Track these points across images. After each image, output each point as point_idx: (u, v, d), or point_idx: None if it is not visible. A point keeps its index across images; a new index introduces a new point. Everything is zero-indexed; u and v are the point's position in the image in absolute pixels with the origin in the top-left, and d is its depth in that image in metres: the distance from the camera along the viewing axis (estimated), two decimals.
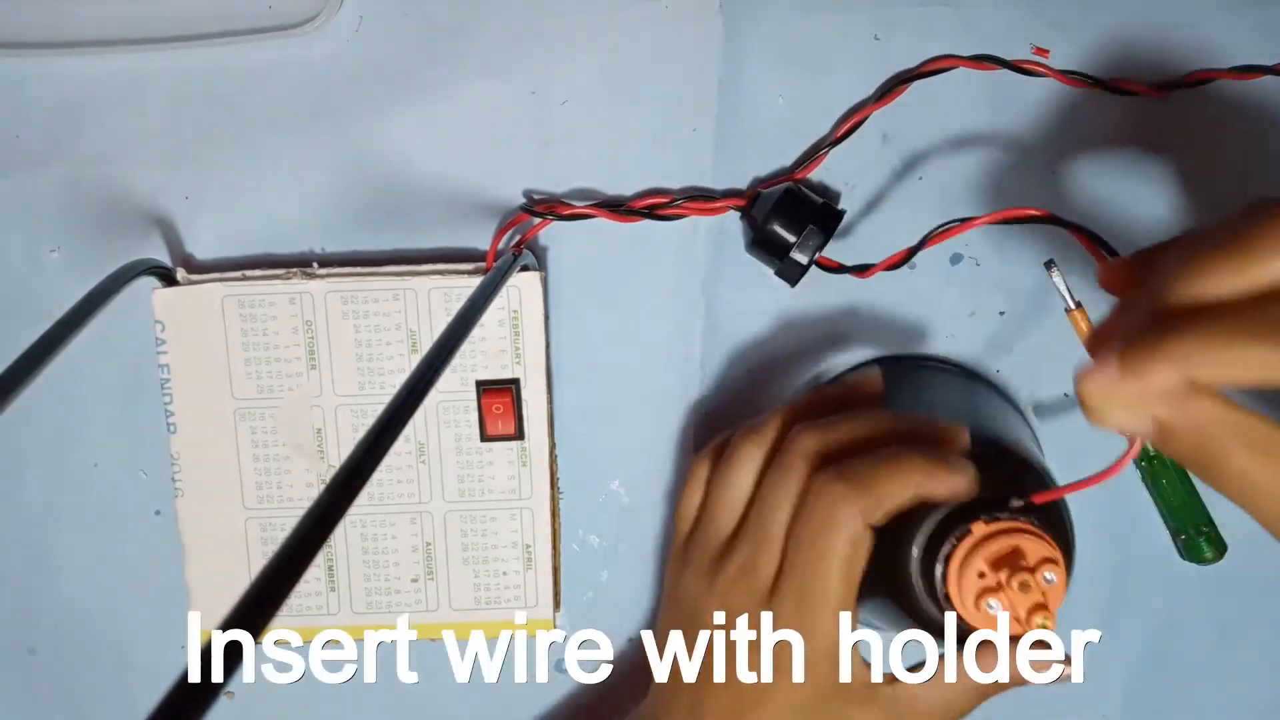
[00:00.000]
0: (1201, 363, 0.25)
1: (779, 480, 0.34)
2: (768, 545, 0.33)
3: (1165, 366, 0.25)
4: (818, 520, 0.32)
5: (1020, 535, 0.32)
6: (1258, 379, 0.24)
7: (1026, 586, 0.32)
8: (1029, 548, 0.32)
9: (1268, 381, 0.24)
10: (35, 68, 0.42)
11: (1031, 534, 0.32)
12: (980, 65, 0.41)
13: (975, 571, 0.32)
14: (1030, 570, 0.32)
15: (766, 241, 0.41)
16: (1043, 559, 0.32)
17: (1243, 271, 0.25)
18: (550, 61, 0.42)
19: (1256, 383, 0.24)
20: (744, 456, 0.35)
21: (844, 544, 0.31)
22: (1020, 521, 0.32)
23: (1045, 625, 0.32)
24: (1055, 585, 0.32)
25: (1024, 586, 0.32)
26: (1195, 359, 0.25)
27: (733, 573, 0.34)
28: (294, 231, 0.43)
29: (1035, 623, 0.32)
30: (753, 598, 0.34)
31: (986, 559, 0.32)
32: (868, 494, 0.31)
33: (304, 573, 0.22)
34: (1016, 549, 0.32)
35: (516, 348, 0.42)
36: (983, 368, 0.44)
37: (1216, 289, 0.25)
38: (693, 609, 0.36)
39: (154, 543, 0.44)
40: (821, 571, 0.32)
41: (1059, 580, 0.32)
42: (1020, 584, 0.32)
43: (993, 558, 0.32)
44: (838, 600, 0.32)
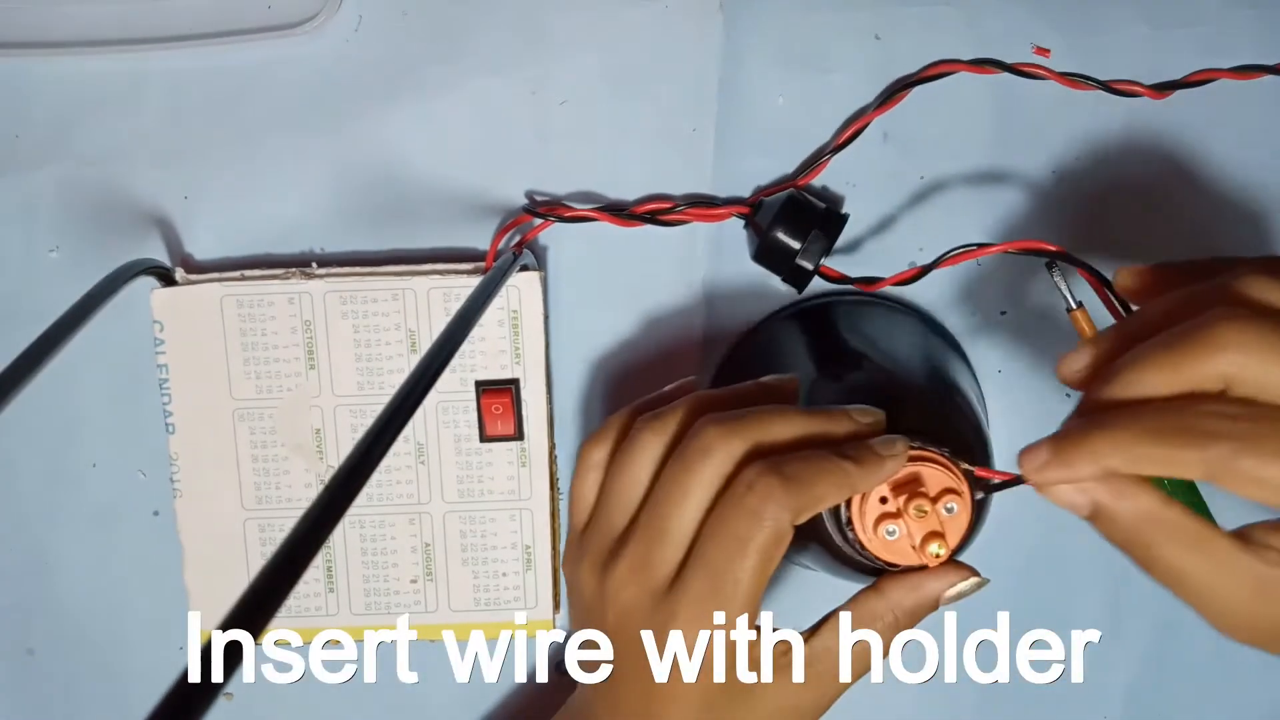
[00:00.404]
0: (1114, 459, 0.27)
1: (680, 476, 0.32)
2: (663, 541, 0.32)
3: (1085, 460, 0.28)
4: (745, 513, 0.31)
5: (926, 464, 0.32)
6: (1162, 474, 0.27)
7: (923, 512, 0.32)
8: (931, 476, 0.32)
9: (1171, 475, 0.27)
10: (35, 68, 0.42)
11: (937, 464, 0.32)
12: (981, 69, 0.41)
13: (877, 496, 0.32)
14: (931, 499, 0.32)
15: (772, 249, 0.41)
16: (945, 489, 0.32)
17: (1173, 376, 0.27)
18: (550, 61, 0.42)
19: (1163, 475, 0.27)
20: (644, 445, 0.34)
21: (768, 539, 0.31)
22: (928, 450, 0.32)
23: (939, 555, 0.32)
24: (955, 515, 0.32)
25: (920, 512, 0.32)
26: (1108, 456, 0.27)
27: (624, 570, 0.33)
28: (293, 231, 0.43)
29: (929, 551, 0.32)
30: (646, 595, 0.32)
31: (888, 482, 0.32)
32: (801, 494, 0.31)
33: (303, 573, 0.22)
34: (919, 476, 0.32)
35: (516, 348, 0.42)
36: (983, 367, 0.44)
37: (1152, 389, 0.28)
38: (587, 607, 0.35)
39: (152, 543, 0.44)
40: (738, 565, 0.31)
41: (961, 511, 0.32)
42: (917, 509, 0.32)
43: (894, 482, 0.32)
44: (748, 596, 0.31)
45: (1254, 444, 0.26)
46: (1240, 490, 0.26)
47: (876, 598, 0.33)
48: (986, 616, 0.45)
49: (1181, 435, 0.26)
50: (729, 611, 0.31)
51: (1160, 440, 0.27)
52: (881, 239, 0.43)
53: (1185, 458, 0.26)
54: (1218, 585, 0.28)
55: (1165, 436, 0.27)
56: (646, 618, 0.33)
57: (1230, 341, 0.27)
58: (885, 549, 0.32)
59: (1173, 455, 0.26)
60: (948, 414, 0.37)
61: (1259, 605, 0.28)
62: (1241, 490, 0.26)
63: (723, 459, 0.32)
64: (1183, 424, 0.27)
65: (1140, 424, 0.27)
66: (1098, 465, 0.28)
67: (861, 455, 0.32)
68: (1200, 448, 0.26)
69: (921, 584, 0.33)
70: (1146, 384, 0.28)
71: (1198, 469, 0.26)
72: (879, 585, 0.33)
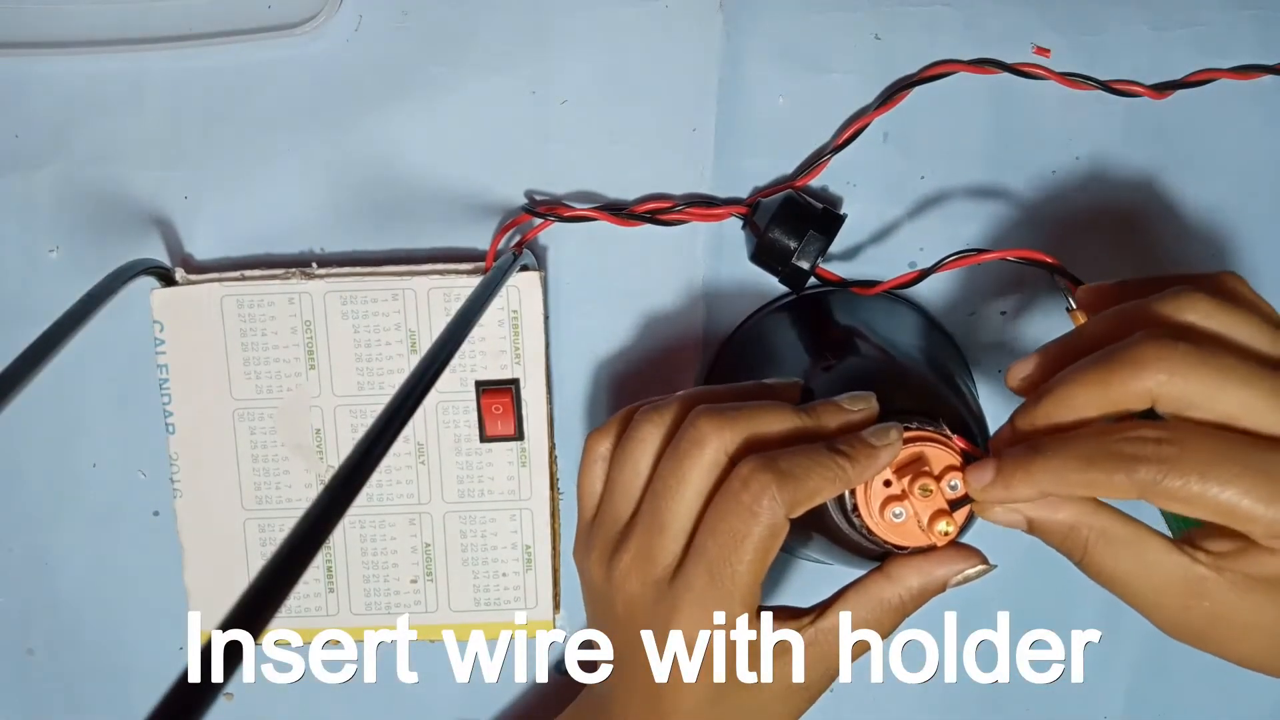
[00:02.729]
0: (1050, 484, 0.30)
1: (676, 467, 0.33)
2: (663, 532, 0.33)
3: (1023, 484, 0.30)
4: (741, 509, 0.31)
5: (926, 444, 0.32)
6: (1095, 495, 0.29)
7: (928, 491, 0.32)
8: (934, 455, 0.32)
9: (1104, 496, 0.29)
10: (35, 68, 0.42)
11: (937, 442, 0.32)
12: (981, 69, 0.41)
13: (881, 480, 0.32)
14: (935, 477, 0.32)
15: (769, 249, 0.41)
16: (947, 467, 0.32)
17: (1101, 393, 0.29)
18: (550, 61, 0.42)
19: (1096, 496, 0.30)
20: (644, 436, 0.34)
21: (764, 534, 0.31)
22: (928, 430, 0.32)
23: (948, 533, 0.32)
24: (961, 492, 0.32)
25: (925, 491, 0.32)
26: (1044, 482, 0.30)
27: (628, 561, 0.34)
28: (293, 231, 0.43)
29: (937, 529, 0.32)
30: (649, 587, 0.33)
31: (891, 466, 0.32)
32: (796, 489, 0.31)
33: (303, 573, 0.22)
34: (921, 456, 0.32)
35: (516, 348, 0.42)
36: (983, 367, 0.44)
37: (1081, 406, 0.30)
38: (597, 598, 0.35)
39: (152, 543, 0.44)
40: (735, 560, 0.31)
41: (964, 488, 0.32)
42: (921, 489, 0.32)
43: (897, 465, 0.32)
44: (746, 589, 0.32)
45: (1175, 465, 0.28)
46: (1169, 507, 0.28)
47: (884, 580, 0.33)
48: (987, 616, 0.45)
49: (1110, 460, 0.28)
50: (729, 606, 0.32)
51: (1091, 466, 0.29)
52: (881, 239, 0.43)
53: (1115, 481, 0.28)
54: (1149, 583, 0.30)
55: (1095, 462, 0.28)
56: (650, 609, 0.33)
57: (1151, 362, 0.28)
58: (892, 532, 0.32)
59: (1103, 479, 0.28)
60: (943, 392, 0.37)
61: (1188, 602, 0.30)
62: (1170, 507, 0.28)
63: (716, 449, 0.32)
64: (1111, 450, 0.28)
65: (1072, 451, 0.29)
66: (1035, 489, 0.30)
67: (855, 448, 0.32)
68: (1128, 472, 0.28)
69: (929, 568, 0.33)
70: (1076, 401, 0.30)
71: (1129, 490, 0.28)
72: (886, 568, 0.33)
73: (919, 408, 0.33)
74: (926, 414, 0.33)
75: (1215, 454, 0.28)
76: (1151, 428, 0.28)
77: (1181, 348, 0.28)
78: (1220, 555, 0.29)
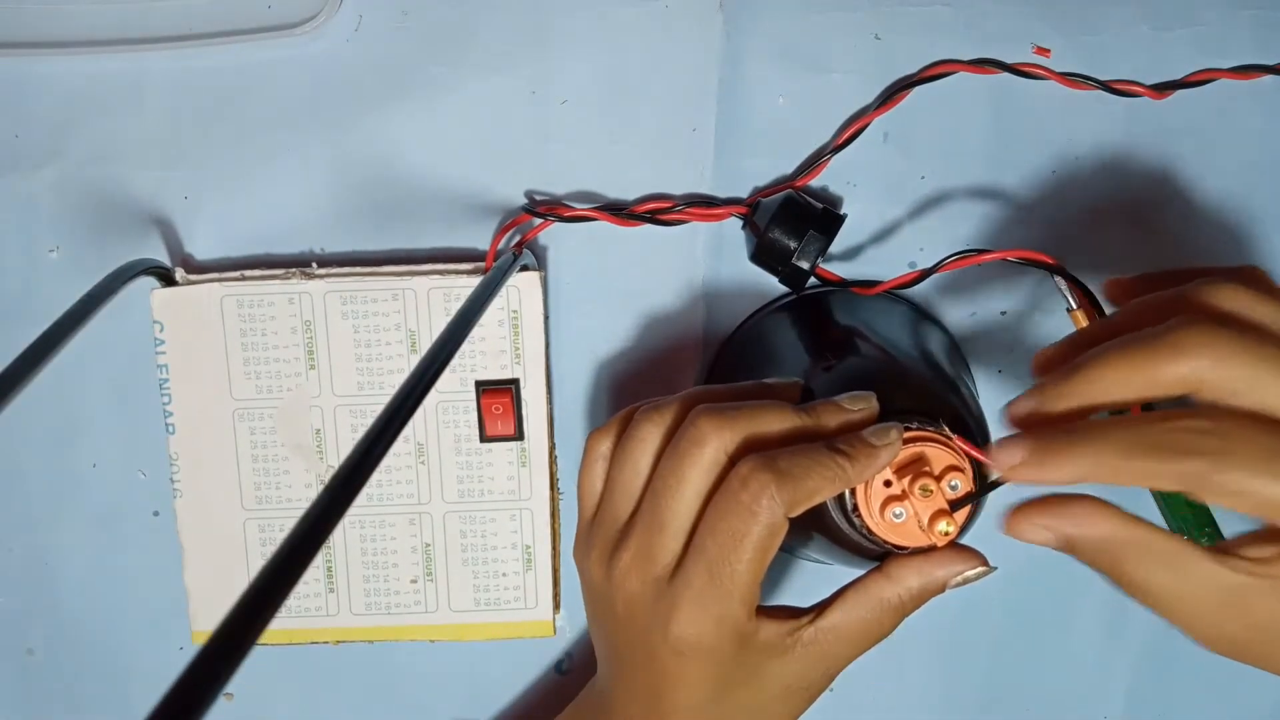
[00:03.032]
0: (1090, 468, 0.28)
1: (675, 466, 0.33)
2: (663, 531, 0.33)
3: (1062, 466, 0.28)
4: (740, 508, 0.31)
5: (927, 444, 0.32)
6: (1137, 485, 0.28)
7: (928, 491, 0.32)
8: (934, 455, 0.32)
9: (1147, 486, 0.28)
10: (35, 68, 0.42)
11: (938, 442, 0.32)
12: (981, 69, 0.41)
13: (881, 480, 0.32)
14: (935, 477, 0.32)
15: (769, 250, 0.41)
16: (948, 467, 0.32)
17: (1132, 376, 0.28)
18: (550, 61, 0.42)
19: (1138, 485, 0.28)
20: (644, 436, 0.34)
21: (763, 533, 0.31)
22: (928, 430, 0.32)
23: (948, 533, 0.32)
24: (961, 493, 0.32)
25: (925, 491, 0.32)
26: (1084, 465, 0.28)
27: (628, 560, 0.34)
28: (293, 231, 0.43)
29: (938, 529, 0.32)
30: (649, 586, 0.33)
31: (891, 466, 0.32)
32: (795, 488, 0.31)
33: (303, 574, 0.22)
34: (922, 456, 0.32)
35: (516, 348, 0.42)
36: (983, 367, 0.44)
37: (1110, 386, 0.29)
38: (597, 596, 0.36)
39: (152, 543, 0.44)
40: (735, 559, 0.31)
41: (965, 488, 0.32)
42: (922, 489, 0.32)
43: (897, 465, 0.32)
44: (745, 588, 0.32)
45: (1226, 459, 0.27)
46: (1216, 501, 0.27)
47: (883, 580, 0.33)
48: (987, 616, 0.45)
49: (1157, 450, 0.27)
50: (728, 605, 0.32)
51: (1137, 454, 0.27)
52: (881, 239, 0.43)
53: (1161, 470, 0.27)
54: (1185, 596, 0.29)
55: (1143, 450, 0.27)
56: (650, 608, 0.33)
57: (1195, 347, 0.28)
58: (893, 532, 0.32)
59: (1148, 468, 0.27)
60: (943, 392, 0.37)
61: (1227, 613, 0.29)
62: (1217, 501, 0.27)
63: (716, 448, 0.32)
64: (1158, 439, 0.27)
65: (1117, 436, 0.28)
66: (1070, 473, 0.28)
67: (855, 448, 0.32)
68: (1176, 462, 0.27)
69: (929, 569, 0.33)
70: (1109, 381, 0.29)
71: (1173, 482, 0.27)
72: (885, 568, 0.33)
73: (919, 408, 0.33)
74: (926, 414, 0.33)
75: (1265, 448, 0.27)
76: (1200, 418, 0.28)
77: (1225, 333, 0.28)
78: (1260, 561, 0.28)
